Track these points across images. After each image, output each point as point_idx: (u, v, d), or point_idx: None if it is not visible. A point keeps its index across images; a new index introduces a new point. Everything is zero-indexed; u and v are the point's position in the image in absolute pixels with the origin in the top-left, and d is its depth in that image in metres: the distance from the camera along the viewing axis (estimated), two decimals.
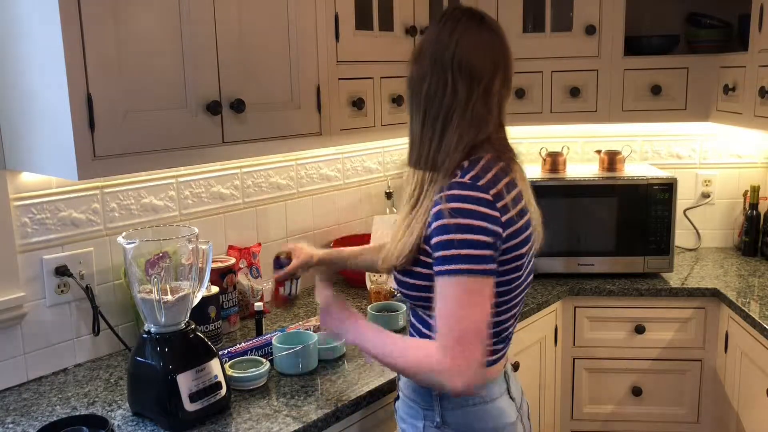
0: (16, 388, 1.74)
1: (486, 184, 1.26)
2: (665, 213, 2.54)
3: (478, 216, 1.23)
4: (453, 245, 1.22)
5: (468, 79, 1.30)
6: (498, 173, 1.30)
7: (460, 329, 1.21)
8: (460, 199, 1.24)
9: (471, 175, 1.27)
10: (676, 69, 2.60)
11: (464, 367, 1.20)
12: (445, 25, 1.32)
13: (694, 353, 2.53)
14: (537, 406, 2.50)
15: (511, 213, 1.29)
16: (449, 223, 1.22)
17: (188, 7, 1.60)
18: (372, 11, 2.15)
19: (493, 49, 1.33)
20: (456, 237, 1.22)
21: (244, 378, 1.67)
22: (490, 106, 1.32)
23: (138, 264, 1.50)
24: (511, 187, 1.32)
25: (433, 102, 1.31)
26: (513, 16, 2.60)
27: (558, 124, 2.76)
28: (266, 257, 2.34)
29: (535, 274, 2.63)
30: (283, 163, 2.38)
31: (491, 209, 1.24)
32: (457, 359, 1.20)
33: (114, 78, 1.47)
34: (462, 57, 1.29)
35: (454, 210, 1.23)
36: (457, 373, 1.20)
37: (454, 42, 1.30)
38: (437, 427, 1.39)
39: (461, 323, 1.21)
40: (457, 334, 1.21)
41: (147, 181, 1.98)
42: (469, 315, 1.21)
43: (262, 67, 1.79)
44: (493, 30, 1.35)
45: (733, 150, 2.95)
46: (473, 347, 1.20)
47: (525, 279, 1.41)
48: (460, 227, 1.22)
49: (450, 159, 1.30)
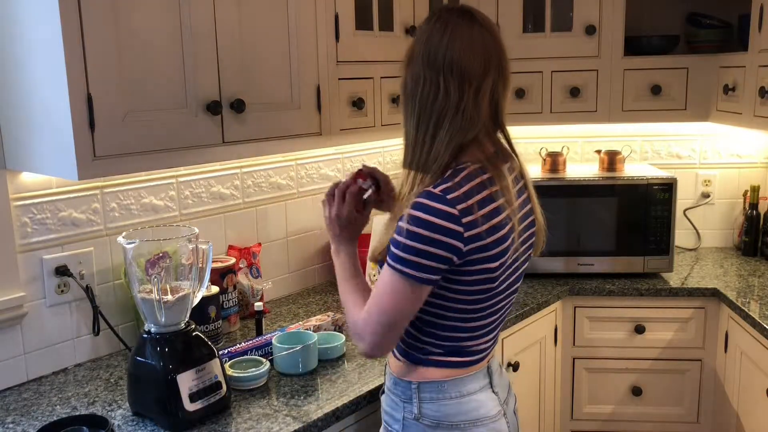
0: (16, 388, 1.74)
1: (455, 198, 1.27)
2: (665, 213, 2.54)
3: (434, 228, 1.26)
4: (399, 246, 1.28)
5: (459, 80, 1.30)
6: (475, 187, 1.30)
7: (373, 311, 1.35)
8: (423, 209, 1.26)
9: (444, 187, 1.28)
10: (676, 69, 2.60)
11: (364, 334, 1.37)
12: (436, 26, 1.32)
13: (694, 353, 2.53)
14: (537, 406, 2.50)
15: (479, 229, 1.29)
16: (403, 227, 1.28)
17: (188, 7, 1.60)
18: (372, 11, 2.15)
19: (485, 48, 1.32)
20: (405, 241, 1.27)
21: (244, 378, 1.67)
22: (481, 107, 1.32)
23: (138, 264, 1.50)
24: (486, 202, 1.31)
25: (426, 104, 1.32)
26: (513, 16, 2.60)
27: (558, 124, 2.76)
28: (267, 257, 2.34)
29: (535, 274, 2.65)
30: (283, 163, 2.38)
31: (453, 223, 1.26)
32: (364, 329, 1.37)
33: (114, 78, 1.47)
34: (453, 59, 1.29)
35: (413, 218, 1.27)
36: (360, 340, 1.38)
37: (445, 44, 1.30)
38: (415, 419, 1.42)
39: (377, 306, 1.34)
40: (370, 312, 1.35)
41: (147, 181, 1.98)
42: (387, 306, 1.33)
43: (262, 67, 1.79)
44: (484, 28, 1.33)
45: (733, 150, 2.95)
46: (377, 329, 1.35)
47: (507, 287, 1.42)
48: (411, 234, 1.27)
49: (439, 160, 1.32)
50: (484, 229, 1.30)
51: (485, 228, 1.30)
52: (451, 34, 1.30)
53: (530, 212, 1.46)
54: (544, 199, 1.50)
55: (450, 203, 1.26)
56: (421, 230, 1.26)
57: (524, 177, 1.47)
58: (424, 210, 1.26)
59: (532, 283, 2.55)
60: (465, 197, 1.28)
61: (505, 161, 1.40)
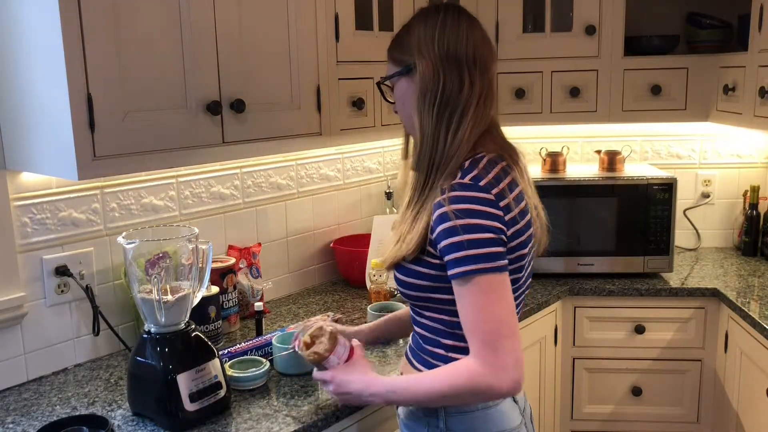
0: (16, 388, 1.74)
1: (487, 184, 1.27)
2: (665, 213, 2.54)
3: (482, 215, 1.24)
4: (463, 246, 1.23)
5: (481, 71, 1.34)
6: (499, 173, 1.31)
7: (483, 332, 1.22)
8: (464, 200, 1.24)
9: (472, 175, 1.28)
10: (676, 69, 2.60)
11: (499, 367, 1.21)
12: (446, 22, 1.34)
13: (694, 353, 2.53)
14: (537, 406, 2.50)
15: (514, 212, 1.30)
16: (456, 225, 1.23)
17: (188, 8, 1.60)
18: (372, 11, 2.15)
19: (489, 41, 1.38)
20: (465, 238, 1.23)
21: (244, 378, 1.67)
22: (494, 94, 1.37)
23: (138, 264, 1.50)
24: (513, 186, 1.33)
25: (450, 98, 1.32)
26: (513, 16, 2.60)
27: (558, 124, 2.76)
28: (267, 257, 2.34)
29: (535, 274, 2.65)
30: (283, 163, 2.38)
31: (494, 208, 1.25)
32: (489, 363, 1.21)
33: (114, 78, 1.47)
34: (475, 50, 1.33)
35: (459, 211, 1.23)
36: (495, 375, 1.21)
37: (464, 36, 1.33)
38: None
39: (483, 326, 1.22)
40: (481, 336, 1.22)
41: (147, 181, 1.98)
42: (489, 315, 1.22)
43: (262, 67, 1.79)
44: (480, 24, 1.39)
45: (733, 150, 2.95)
46: (502, 345, 1.21)
47: (525, 280, 1.42)
48: (467, 227, 1.23)
49: (460, 152, 1.31)
50: (516, 213, 1.30)
51: (517, 212, 1.31)
52: (467, 28, 1.34)
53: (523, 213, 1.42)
54: (544, 199, 1.49)
55: (484, 189, 1.26)
56: (474, 220, 1.23)
57: (527, 173, 1.46)
58: (463, 201, 1.24)
59: (532, 282, 2.55)
60: (496, 182, 1.29)
61: (515, 151, 1.42)
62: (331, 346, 1.41)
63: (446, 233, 1.25)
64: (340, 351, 1.42)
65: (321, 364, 1.43)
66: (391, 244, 1.39)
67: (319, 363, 1.43)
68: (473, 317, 1.24)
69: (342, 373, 1.41)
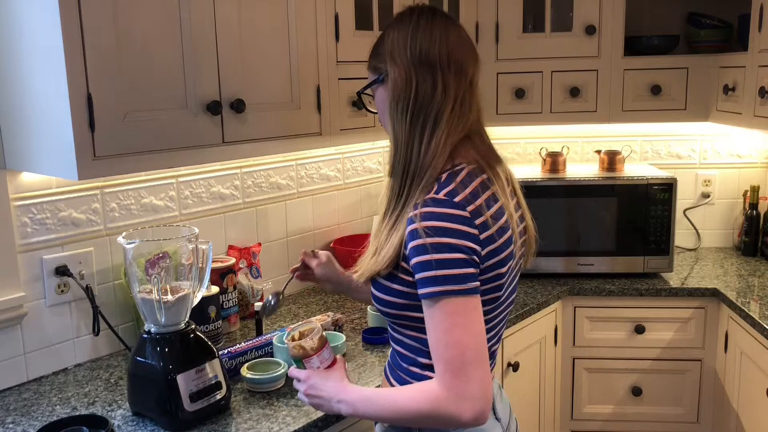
0: (16, 388, 1.74)
1: (463, 200, 1.20)
2: (665, 213, 2.54)
3: (454, 234, 1.17)
4: (431, 266, 1.16)
5: (456, 73, 1.27)
6: (477, 188, 1.24)
7: (448, 357, 1.16)
8: (435, 217, 1.18)
9: (447, 190, 1.21)
10: (676, 69, 2.60)
11: (461, 396, 1.15)
12: (418, 25, 1.29)
13: (694, 353, 2.53)
14: (537, 406, 2.50)
15: (491, 230, 1.22)
16: (426, 243, 1.17)
17: (188, 7, 1.60)
18: (372, 11, 2.15)
19: (469, 42, 1.32)
20: (433, 257, 1.16)
21: (266, 380, 1.66)
22: (474, 99, 1.31)
23: (138, 264, 1.50)
24: (491, 202, 1.25)
25: (423, 103, 1.26)
26: (513, 16, 2.60)
27: (558, 124, 2.76)
28: (267, 257, 2.34)
29: (535, 274, 2.65)
30: (283, 163, 2.38)
31: (468, 226, 1.19)
32: (452, 388, 1.15)
33: (114, 78, 1.47)
34: (449, 52, 1.27)
35: (430, 228, 1.17)
36: (456, 403, 1.15)
37: (438, 39, 1.27)
38: None
39: (448, 350, 1.16)
40: (445, 361, 1.16)
41: (147, 181, 1.98)
42: (454, 340, 1.16)
43: (262, 67, 1.79)
44: (459, 24, 1.34)
45: (733, 150, 2.96)
46: (466, 372, 1.15)
47: (507, 298, 1.35)
48: (436, 247, 1.16)
49: (437, 160, 1.25)
50: (495, 230, 1.23)
51: (495, 229, 1.23)
52: (441, 29, 1.28)
53: (521, 218, 1.37)
54: (544, 199, 1.49)
55: (458, 206, 1.19)
56: (443, 239, 1.16)
57: (512, 181, 1.39)
58: (435, 218, 1.18)
59: (532, 283, 2.55)
60: (472, 197, 1.22)
61: (498, 161, 1.35)
62: (318, 348, 1.39)
63: (416, 251, 1.18)
64: (325, 355, 1.39)
65: (302, 362, 1.40)
66: (368, 255, 1.33)
67: (301, 360, 1.40)
68: (438, 340, 1.17)
69: (318, 376, 1.36)
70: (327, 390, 1.33)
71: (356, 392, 1.32)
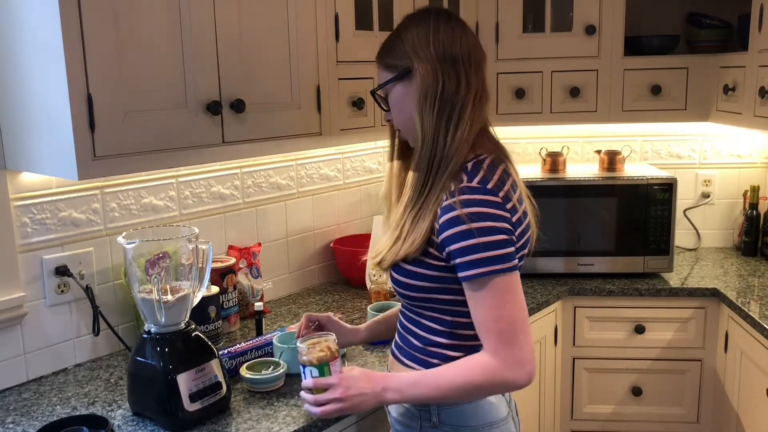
0: (16, 388, 1.74)
1: (494, 186, 1.30)
2: (665, 213, 2.54)
3: (494, 218, 1.27)
4: (478, 249, 1.26)
5: (475, 68, 1.36)
6: (502, 176, 1.35)
7: (500, 330, 1.26)
8: (475, 204, 1.27)
9: (478, 178, 1.30)
10: (676, 69, 2.60)
11: (515, 362, 1.26)
12: (438, 23, 1.36)
13: (694, 353, 2.53)
14: (537, 406, 2.50)
15: (518, 214, 1.34)
16: (471, 228, 1.25)
17: (188, 7, 1.60)
18: (372, 11, 2.15)
19: (479, 41, 1.41)
20: (480, 240, 1.25)
21: (265, 380, 1.66)
22: (487, 94, 1.40)
23: (138, 264, 1.50)
24: (515, 188, 1.37)
25: (448, 98, 1.34)
26: (513, 16, 2.60)
27: (558, 124, 2.76)
28: (267, 257, 2.34)
29: (535, 274, 2.65)
30: (283, 163, 2.38)
31: (503, 210, 1.29)
32: (506, 359, 1.26)
33: (114, 78, 1.47)
34: (469, 49, 1.36)
35: (472, 214, 1.26)
36: (512, 370, 1.26)
37: (459, 37, 1.35)
38: (434, 427, 1.40)
39: (500, 324, 1.26)
40: (498, 334, 1.27)
41: (147, 181, 1.98)
42: (506, 314, 1.26)
43: (262, 67, 1.79)
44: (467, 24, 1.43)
45: (733, 150, 2.96)
46: (518, 340, 1.26)
47: None
48: (481, 231, 1.26)
49: (461, 149, 1.33)
50: (520, 214, 1.35)
51: (521, 213, 1.35)
52: (460, 28, 1.37)
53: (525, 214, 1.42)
54: (544, 199, 1.50)
55: (491, 192, 1.29)
56: (486, 222, 1.26)
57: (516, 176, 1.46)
58: (474, 204, 1.27)
59: (532, 283, 2.55)
60: (501, 184, 1.32)
61: (508, 153, 1.44)
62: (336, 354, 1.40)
63: (459, 236, 1.27)
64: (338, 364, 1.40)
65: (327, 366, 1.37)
66: (387, 244, 1.40)
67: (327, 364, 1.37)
68: (490, 317, 1.27)
69: (348, 376, 1.37)
70: (366, 385, 1.36)
71: (398, 379, 1.36)
